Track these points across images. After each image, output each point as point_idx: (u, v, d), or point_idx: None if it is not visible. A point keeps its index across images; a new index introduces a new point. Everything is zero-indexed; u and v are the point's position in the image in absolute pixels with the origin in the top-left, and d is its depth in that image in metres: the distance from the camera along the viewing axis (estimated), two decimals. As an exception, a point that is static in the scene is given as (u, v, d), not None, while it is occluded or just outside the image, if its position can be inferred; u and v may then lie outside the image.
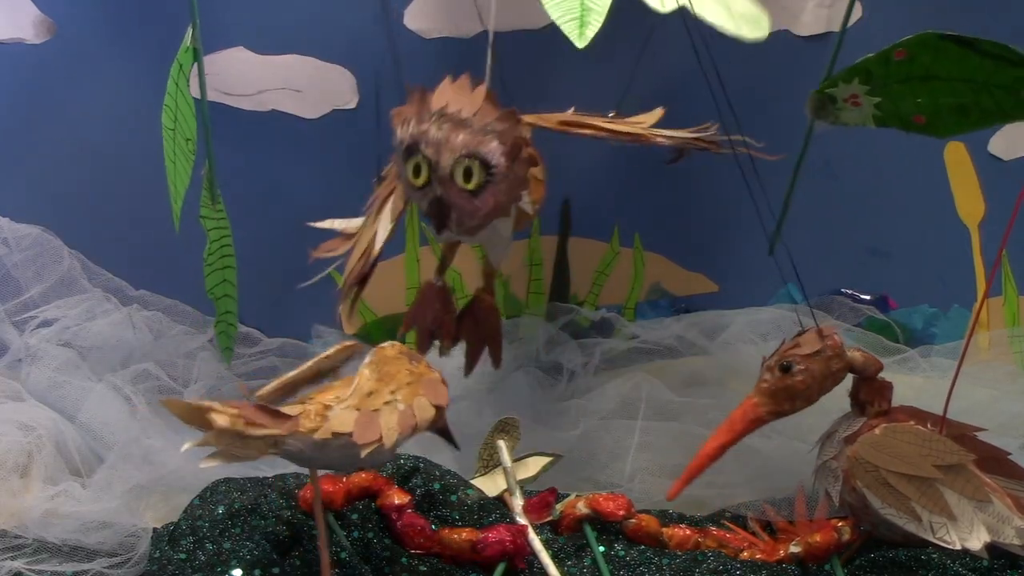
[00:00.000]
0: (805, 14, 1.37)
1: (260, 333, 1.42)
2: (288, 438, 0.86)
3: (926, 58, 0.96)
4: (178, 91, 1.20)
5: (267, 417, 0.85)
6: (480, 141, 0.94)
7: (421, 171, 0.95)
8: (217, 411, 0.82)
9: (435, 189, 0.95)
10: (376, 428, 0.87)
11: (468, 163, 0.94)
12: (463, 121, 0.94)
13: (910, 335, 1.45)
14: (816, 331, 1.03)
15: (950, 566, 0.99)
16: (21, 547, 1.05)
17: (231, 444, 0.83)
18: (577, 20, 0.95)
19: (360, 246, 1.04)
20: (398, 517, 1.03)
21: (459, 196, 0.95)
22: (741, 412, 1.04)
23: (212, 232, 1.26)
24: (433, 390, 0.94)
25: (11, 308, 1.37)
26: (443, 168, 0.94)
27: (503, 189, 0.96)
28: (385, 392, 0.91)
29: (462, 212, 0.96)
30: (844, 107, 1.03)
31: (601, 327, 1.44)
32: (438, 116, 0.94)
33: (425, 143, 0.94)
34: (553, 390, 1.35)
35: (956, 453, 0.98)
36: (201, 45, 1.21)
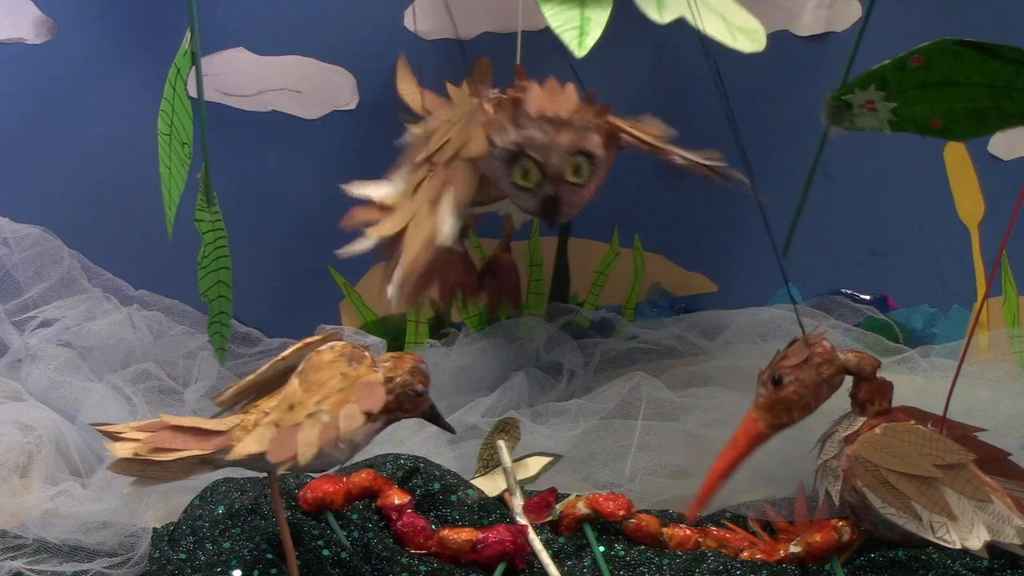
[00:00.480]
0: (805, 14, 1.36)
1: (260, 333, 1.42)
2: (216, 455, 0.85)
3: (943, 64, 0.96)
4: (175, 95, 1.20)
5: (185, 438, 0.84)
6: (584, 138, 1.01)
7: (530, 174, 1.01)
8: (122, 438, 0.81)
9: (546, 189, 1.01)
10: (291, 445, 0.86)
11: (577, 160, 1.01)
12: (564, 122, 1.01)
13: (910, 335, 1.45)
14: (802, 339, 1.02)
15: (950, 566, 0.99)
16: (21, 547, 1.05)
17: (144, 471, 0.82)
18: (577, 30, 0.96)
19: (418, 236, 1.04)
20: (398, 517, 1.03)
21: (569, 191, 1.02)
22: (743, 429, 1.04)
23: (207, 235, 1.25)
24: (368, 395, 0.92)
25: (11, 308, 1.36)
26: (554, 167, 1.00)
27: (601, 175, 1.04)
28: (310, 403, 0.89)
29: (571, 204, 1.03)
30: (860, 113, 1.03)
31: (601, 327, 1.44)
32: (540, 120, 1.00)
33: (531, 148, 1.00)
34: (553, 390, 1.35)
35: (956, 453, 0.98)
36: (199, 49, 1.21)
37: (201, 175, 1.24)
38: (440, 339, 1.42)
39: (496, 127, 1.02)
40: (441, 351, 1.39)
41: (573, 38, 0.95)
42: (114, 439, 0.82)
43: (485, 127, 1.04)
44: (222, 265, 1.28)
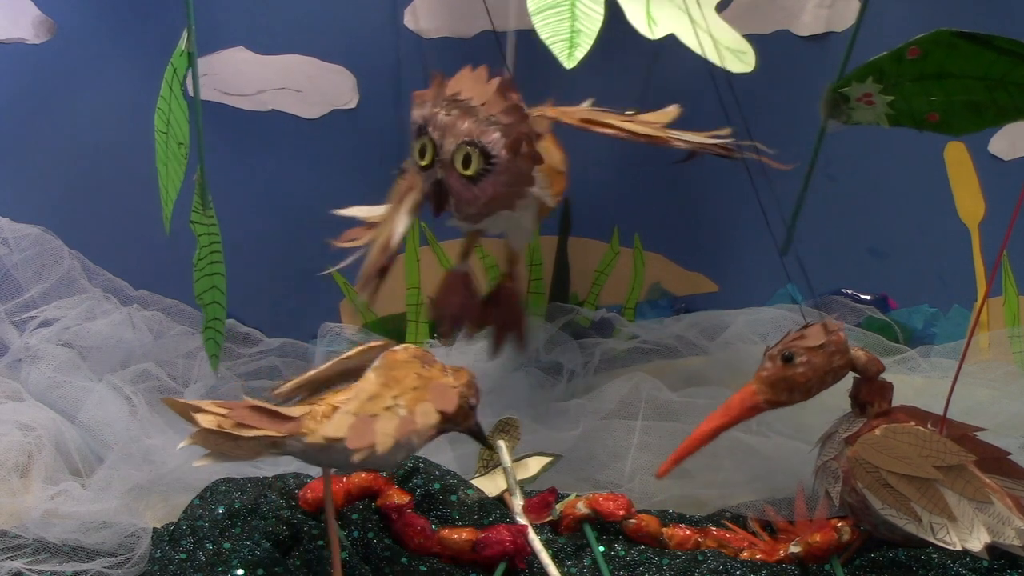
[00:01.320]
0: (805, 14, 1.36)
1: (260, 333, 1.42)
2: (287, 439, 0.86)
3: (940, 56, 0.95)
4: (172, 95, 1.20)
5: (261, 418, 0.85)
6: (483, 130, 0.96)
7: (426, 152, 0.97)
8: (204, 411, 0.82)
9: (436, 172, 0.97)
10: (370, 434, 0.87)
11: (468, 150, 0.96)
12: (471, 109, 0.96)
13: (910, 335, 1.45)
14: (823, 324, 1.02)
15: (950, 566, 0.99)
16: (21, 547, 1.05)
17: (219, 444, 0.83)
18: (567, 42, 0.95)
19: (381, 238, 1.04)
20: (398, 517, 1.03)
21: (457, 182, 0.97)
22: (739, 398, 1.03)
23: (202, 238, 1.25)
24: (440, 395, 0.93)
25: (11, 308, 1.37)
26: (445, 152, 0.96)
27: (503, 181, 0.97)
28: (388, 397, 0.90)
29: (460, 198, 0.98)
30: (857, 106, 1.03)
31: (601, 327, 1.44)
32: (449, 101, 0.96)
33: (433, 126, 0.96)
34: (553, 390, 1.35)
35: (956, 454, 0.98)
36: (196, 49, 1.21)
37: (197, 178, 1.24)
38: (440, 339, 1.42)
39: (419, 100, 0.99)
40: (441, 351, 1.39)
41: (563, 50, 0.95)
42: (198, 411, 0.82)
43: (414, 98, 1.00)
44: (216, 270, 1.28)
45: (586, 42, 0.95)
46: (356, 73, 1.37)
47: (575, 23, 0.97)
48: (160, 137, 1.20)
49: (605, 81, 1.14)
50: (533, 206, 1.04)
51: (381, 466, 0.93)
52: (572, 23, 0.97)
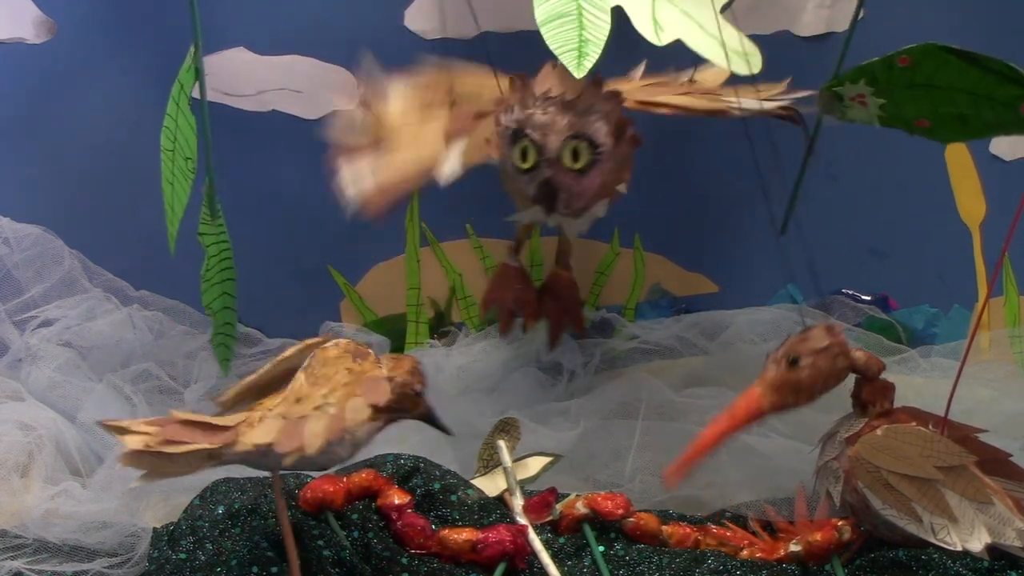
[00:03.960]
0: (805, 14, 1.36)
1: (260, 333, 1.42)
2: (223, 450, 0.85)
3: (929, 67, 0.96)
4: (179, 111, 1.19)
5: (193, 432, 0.84)
6: (586, 121, 0.96)
7: (528, 155, 0.97)
8: (131, 432, 0.82)
9: (543, 172, 0.97)
10: (298, 436, 0.87)
11: (575, 144, 0.96)
12: (568, 103, 0.96)
13: (911, 335, 1.45)
14: (825, 327, 1.02)
15: (950, 566, 0.99)
16: (21, 547, 1.05)
17: (152, 464, 0.83)
18: (575, 51, 0.95)
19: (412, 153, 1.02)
20: (398, 517, 1.03)
21: (567, 177, 0.97)
22: (743, 403, 1.03)
23: (211, 248, 1.25)
24: (372, 389, 0.92)
25: (11, 308, 1.37)
26: (550, 150, 0.96)
27: (609, 168, 0.99)
28: (317, 396, 0.90)
29: (571, 193, 0.98)
30: (851, 105, 1.03)
31: (601, 327, 1.44)
32: (542, 100, 0.97)
33: (531, 127, 0.96)
34: (553, 390, 1.35)
35: (957, 454, 0.98)
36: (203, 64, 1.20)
37: (205, 188, 1.24)
38: (440, 339, 1.42)
39: (504, 106, 1.00)
40: (441, 351, 1.39)
41: (572, 59, 0.95)
42: (124, 432, 0.82)
43: (495, 107, 1.01)
44: (227, 277, 1.27)
45: (595, 51, 0.95)
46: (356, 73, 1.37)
47: (583, 32, 0.97)
48: (166, 156, 1.19)
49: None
50: None
51: (321, 465, 0.93)
52: (580, 32, 0.97)
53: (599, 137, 0.97)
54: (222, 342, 1.30)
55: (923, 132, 1.02)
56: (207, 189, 1.23)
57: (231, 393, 0.93)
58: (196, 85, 1.21)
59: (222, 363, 1.32)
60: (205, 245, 1.24)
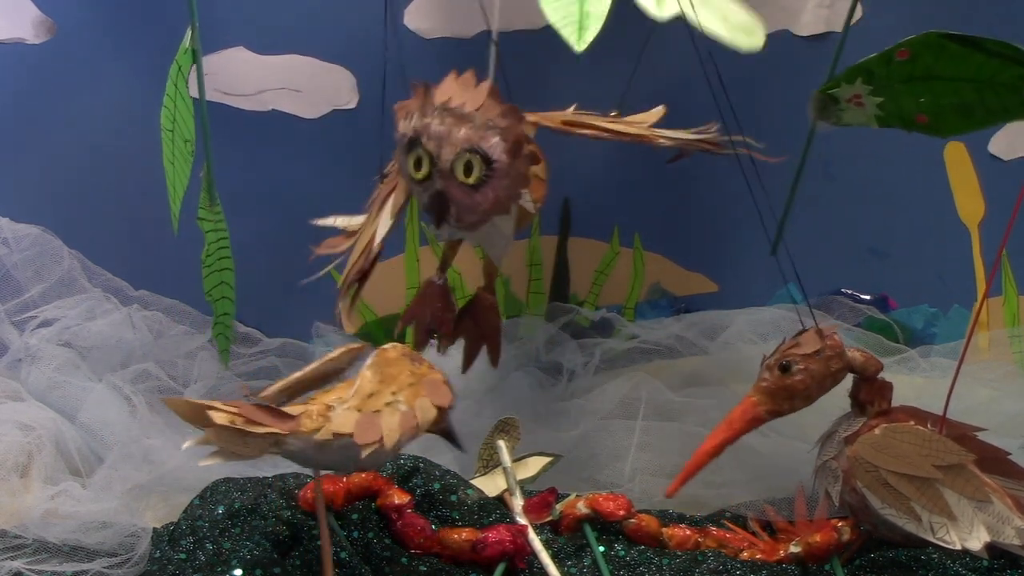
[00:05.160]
0: (805, 14, 1.37)
1: (260, 333, 1.42)
2: (289, 437, 0.86)
3: (929, 58, 0.96)
4: (177, 92, 1.20)
5: (268, 416, 0.85)
6: (482, 136, 0.94)
7: (422, 165, 0.95)
8: (217, 409, 0.83)
9: (436, 183, 0.95)
10: (377, 429, 0.88)
11: (469, 157, 0.94)
12: (465, 116, 0.94)
13: (910, 335, 1.45)
14: (816, 331, 1.03)
15: (950, 566, 0.99)
16: (21, 547, 1.05)
17: (230, 442, 0.83)
18: (576, 25, 0.95)
19: (361, 243, 1.04)
20: (398, 517, 1.03)
21: (459, 190, 0.95)
22: (740, 411, 1.04)
23: (210, 234, 1.26)
24: (435, 391, 0.94)
25: (11, 308, 1.36)
26: (444, 162, 0.94)
27: (504, 185, 0.96)
28: (387, 393, 0.91)
29: (461, 207, 0.96)
30: (847, 107, 1.03)
31: (601, 327, 1.44)
32: (441, 110, 0.95)
33: (427, 137, 0.94)
34: (553, 390, 1.35)
35: (956, 453, 0.98)
36: (200, 46, 1.21)
37: (203, 175, 1.24)
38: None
39: (403, 112, 0.98)
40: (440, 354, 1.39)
41: (572, 33, 0.95)
42: (210, 409, 0.82)
43: (396, 110, 0.99)
44: (224, 266, 1.28)
45: (596, 24, 0.94)
46: (356, 73, 1.37)
47: (584, 6, 0.96)
48: (166, 135, 1.21)
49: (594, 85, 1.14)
50: (514, 213, 1.03)
51: (378, 464, 0.94)
52: (581, 6, 0.96)
53: (494, 153, 0.94)
54: (221, 332, 1.31)
55: (923, 128, 1.02)
56: (205, 175, 1.24)
57: (274, 388, 0.93)
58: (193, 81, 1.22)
59: (221, 353, 1.33)
60: (204, 231, 1.25)
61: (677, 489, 1.03)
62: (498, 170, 0.95)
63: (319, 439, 0.86)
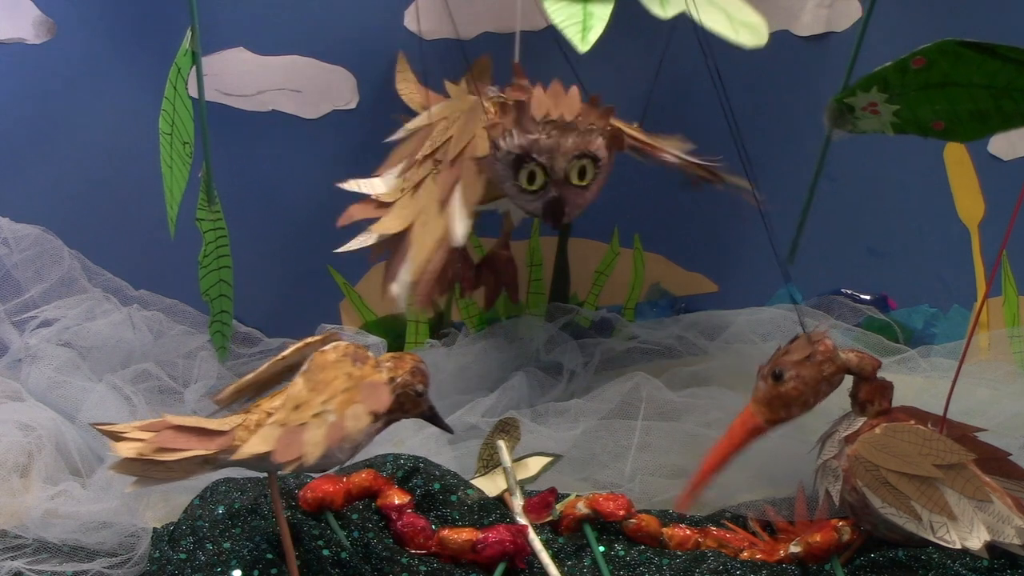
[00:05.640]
0: (805, 15, 1.36)
1: (260, 333, 1.42)
2: (219, 455, 0.85)
3: (945, 65, 0.96)
4: (176, 95, 1.20)
5: (188, 438, 0.84)
6: (588, 141, 1.02)
7: (536, 177, 1.03)
8: (125, 438, 0.81)
9: (551, 191, 1.03)
10: (297, 445, 0.86)
11: (582, 163, 1.02)
12: (569, 125, 1.02)
13: (910, 335, 1.45)
14: (806, 336, 1.02)
15: (950, 566, 0.99)
16: (21, 547, 1.05)
17: (146, 470, 0.82)
18: (580, 25, 0.96)
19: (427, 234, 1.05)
20: (398, 517, 1.03)
21: (573, 193, 1.04)
22: (740, 422, 1.04)
23: (208, 234, 1.26)
24: (371, 394, 0.92)
25: (11, 308, 1.37)
26: (558, 171, 1.02)
27: (604, 176, 1.05)
28: (316, 403, 0.89)
29: (574, 205, 1.05)
30: (862, 115, 1.04)
31: (601, 327, 1.44)
32: (544, 123, 1.02)
33: (537, 151, 1.02)
34: (553, 390, 1.35)
35: (956, 453, 0.98)
36: (200, 48, 1.21)
37: (202, 174, 1.24)
38: (440, 339, 1.42)
39: (500, 131, 1.03)
40: (441, 351, 1.39)
41: (576, 33, 0.95)
42: (117, 439, 0.81)
43: (488, 130, 1.04)
44: (223, 264, 1.28)
45: (599, 24, 0.96)
46: (356, 73, 1.37)
47: (588, 6, 0.97)
48: (164, 139, 1.21)
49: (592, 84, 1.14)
50: None
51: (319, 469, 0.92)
52: (584, 7, 0.97)
53: (600, 153, 1.03)
54: (219, 330, 1.31)
55: (939, 134, 1.02)
56: (204, 175, 1.24)
57: (228, 391, 0.92)
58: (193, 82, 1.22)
59: (219, 351, 1.33)
60: (203, 231, 1.25)
61: (687, 504, 1.05)
62: (603, 166, 1.04)
63: (237, 458, 0.85)
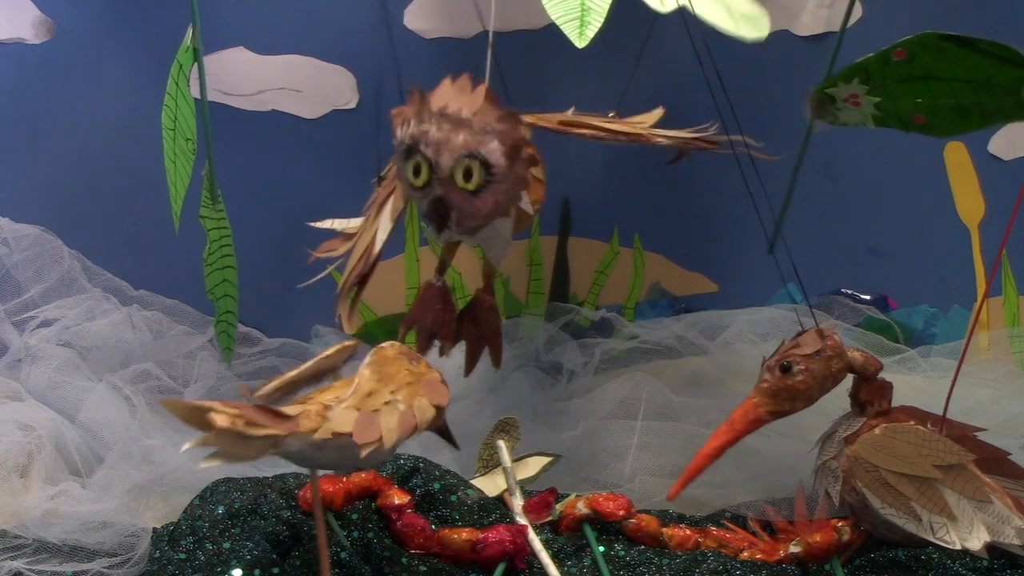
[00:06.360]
0: (805, 14, 1.37)
1: (260, 333, 1.42)
2: (288, 438, 0.86)
3: (926, 58, 0.96)
4: (178, 91, 1.20)
5: (267, 417, 0.85)
6: (480, 141, 0.93)
7: (421, 171, 0.95)
8: (217, 411, 0.82)
9: (435, 189, 0.95)
10: (376, 428, 0.87)
11: (468, 163, 0.93)
12: (463, 121, 0.94)
13: (910, 335, 1.45)
14: (816, 331, 1.03)
15: (950, 566, 0.99)
16: (21, 547, 1.05)
17: (231, 444, 0.83)
18: (577, 20, 0.95)
19: (360, 246, 1.03)
20: (398, 517, 1.03)
21: (459, 196, 0.95)
22: (742, 412, 1.04)
23: (212, 232, 1.26)
24: (433, 390, 0.94)
25: (11, 308, 1.37)
26: (443, 168, 0.94)
27: (503, 189, 0.95)
28: (385, 392, 0.91)
29: (462, 212, 0.96)
30: (844, 107, 1.03)
31: (601, 327, 1.44)
32: (438, 116, 0.94)
33: (425, 143, 0.94)
34: (553, 390, 1.35)
35: (956, 453, 0.98)
36: (201, 45, 1.21)
37: (205, 173, 1.24)
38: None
39: (400, 119, 0.97)
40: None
41: (573, 29, 0.94)
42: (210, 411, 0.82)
43: (393, 117, 0.98)
44: (227, 264, 1.28)
45: (597, 20, 0.94)
46: (356, 73, 1.37)
47: (585, 2, 0.95)
48: (167, 134, 1.21)
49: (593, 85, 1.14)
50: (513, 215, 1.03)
51: (376, 463, 0.93)
52: (583, 2, 0.95)
53: (493, 157, 0.94)
54: (224, 330, 1.31)
55: (920, 128, 1.02)
56: (207, 173, 1.24)
57: (269, 387, 0.93)
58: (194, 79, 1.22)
59: (224, 351, 1.33)
60: (207, 229, 1.25)
61: (679, 491, 1.04)
62: (497, 174, 0.94)
63: (317, 439, 0.86)
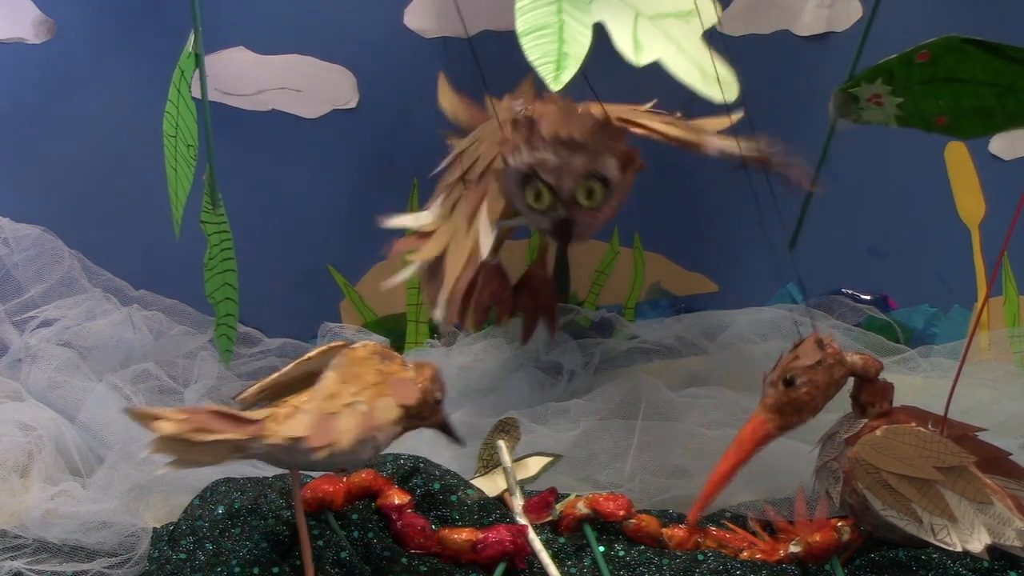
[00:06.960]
0: (805, 14, 1.36)
1: (260, 333, 1.42)
2: (251, 442, 0.85)
3: (950, 61, 0.96)
4: (180, 97, 1.20)
5: (223, 423, 0.84)
6: (598, 162, 1.00)
7: (542, 196, 1.01)
8: (165, 419, 0.82)
9: (559, 211, 1.01)
10: (331, 431, 0.87)
11: (590, 184, 1.01)
12: (578, 144, 1.00)
13: (910, 335, 1.45)
14: (815, 340, 1.02)
15: (950, 566, 0.99)
16: (21, 547, 1.05)
17: (183, 451, 0.83)
18: (554, 64, 0.96)
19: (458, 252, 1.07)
20: (398, 517, 1.03)
21: (583, 214, 1.02)
22: (750, 430, 1.04)
23: (213, 236, 1.26)
24: (400, 389, 0.93)
25: (11, 308, 1.37)
26: (566, 192, 1.00)
27: (618, 197, 1.03)
28: (347, 394, 0.91)
29: (584, 226, 1.03)
30: (867, 106, 1.03)
31: (601, 327, 1.44)
32: (553, 143, 1.00)
33: (544, 171, 1.00)
34: (553, 390, 1.35)
35: (957, 454, 0.98)
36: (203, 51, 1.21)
37: (206, 177, 1.24)
38: (440, 339, 1.42)
39: (510, 148, 1.02)
40: (441, 351, 1.39)
41: (549, 72, 0.96)
42: (155, 418, 0.82)
43: (500, 147, 1.04)
44: (228, 267, 1.28)
45: (573, 65, 0.96)
46: (356, 73, 1.37)
47: (563, 47, 0.97)
48: (169, 141, 1.21)
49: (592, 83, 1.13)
50: None
51: (347, 463, 0.93)
52: (560, 46, 0.97)
53: (610, 173, 1.01)
54: (224, 333, 1.31)
55: (943, 130, 1.02)
56: (208, 178, 1.24)
57: (252, 390, 0.93)
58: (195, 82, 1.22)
59: (223, 354, 1.33)
60: (208, 234, 1.25)
61: (697, 517, 1.05)
62: (614, 187, 1.02)
63: (270, 443, 0.86)
